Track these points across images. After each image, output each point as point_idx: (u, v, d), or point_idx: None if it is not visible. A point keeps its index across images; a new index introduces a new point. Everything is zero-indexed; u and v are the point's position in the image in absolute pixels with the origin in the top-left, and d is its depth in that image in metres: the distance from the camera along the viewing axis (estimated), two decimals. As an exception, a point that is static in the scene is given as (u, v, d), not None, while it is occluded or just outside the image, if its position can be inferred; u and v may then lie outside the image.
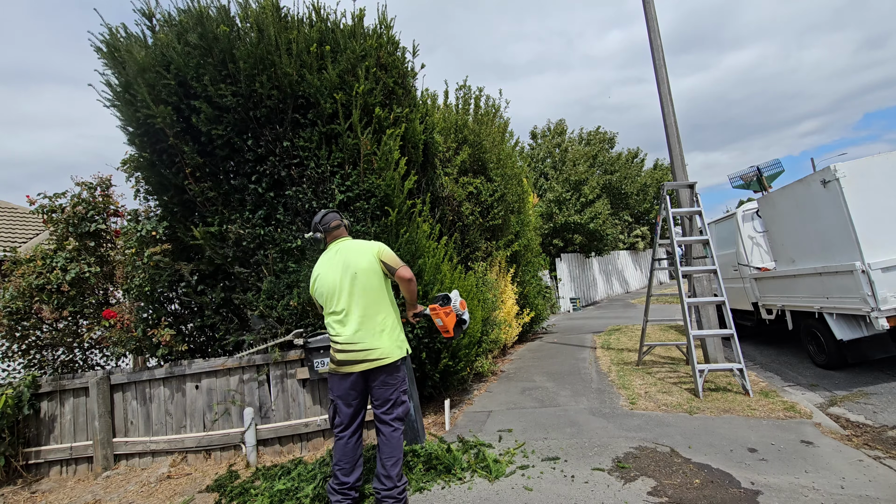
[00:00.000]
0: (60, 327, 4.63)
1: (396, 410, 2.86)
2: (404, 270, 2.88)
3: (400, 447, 2.83)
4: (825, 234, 5.18)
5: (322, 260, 3.02)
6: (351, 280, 2.83)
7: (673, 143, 6.09)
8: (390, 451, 2.80)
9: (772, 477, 2.96)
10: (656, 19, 6.27)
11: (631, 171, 20.69)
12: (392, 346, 2.84)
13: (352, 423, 2.88)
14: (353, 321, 2.81)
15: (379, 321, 2.84)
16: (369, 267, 2.84)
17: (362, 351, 2.78)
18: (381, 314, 2.86)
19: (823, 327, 5.36)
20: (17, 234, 9.17)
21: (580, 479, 3.14)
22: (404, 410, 2.91)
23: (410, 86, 5.11)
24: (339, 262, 2.89)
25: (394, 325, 2.92)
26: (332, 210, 3.14)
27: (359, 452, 2.89)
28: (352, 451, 2.86)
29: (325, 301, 2.94)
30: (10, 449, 4.22)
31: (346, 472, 2.83)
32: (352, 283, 2.83)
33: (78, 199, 4.67)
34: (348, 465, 2.84)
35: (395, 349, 2.85)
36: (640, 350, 6.27)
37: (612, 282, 21.21)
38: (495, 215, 7.53)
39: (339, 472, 2.84)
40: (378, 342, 2.80)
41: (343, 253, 2.92)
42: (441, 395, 5.17)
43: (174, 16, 4.34)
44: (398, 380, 2.88)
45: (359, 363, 2.78)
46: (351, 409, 2.87)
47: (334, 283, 2.87)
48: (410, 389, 3.98)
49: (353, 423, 2.88)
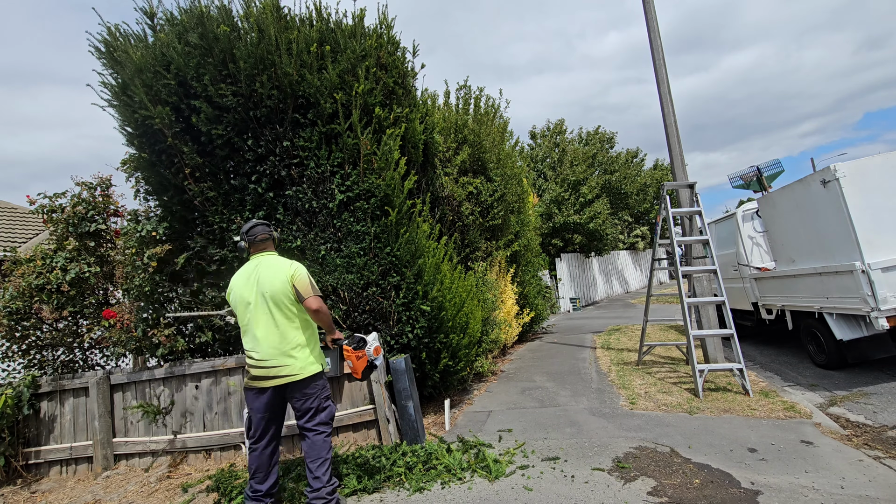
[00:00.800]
0: (60, 327, 4.63)
1: (319, 416, 2.91)
2: (312, 301, 2.86)
3: (325, 448, 2.87)
4: (825, 234, 5.18)
5: (240, 272, 3.02)
6: (263, 299, 2.86)
7: (673, 142, 6.09)
8: (315, 453, 2.85)
9: (772, 477, 2.96)
10: (656, 19, 6.27)
11: (631, 171, 20.69)
12: (304, 362, 2.87)
13: (265, 436, 2.93)
14: (265, 339, 2.84)
15: (290, 339, 2.86)
16: (281, 288, 2.86)
17: (274, 368, 2.82)
18: (293, 333, 2.88)
19: (823, 327, 5.36)
20: (17, 234, 9.16)
21: (580, 479, 3.14)
22: (328, 415, 2.96)
23: (410, 86, 5.11)
24: (255, 278, 2.92)
25: (307, 342, 2.93)
26: (262, 222, 3.10)
27: (274, 461, 2.96)
28: (266, 461, 2.92)
29: (238, 315, 2.97)
30: (10, 449, 4.22)
31: (261, 481, 2.90)
32: (264, 301, 2.86)
33: (78, 199, 4.67)
34: (262, 474, 2.90)
35: (307, 365, 2.88)
36: (640, 350, 6.27)
37: (611, 282, 21.21)
38: (495, 215, 7.53)
39: (253, 480, 2.92)
40: (289, 360, 2.84)
41: (260, 269, 2.94)
42: (441, 395, 5.17)
43: (176, 15, 4.34)
44: (316, 390, 2.92)
45: (271, 379, 2.83)
46: (265, 422, 2.92)
47: (247, 300, 2.90)
48: (410, 389, 3.99)
49: (267, 435, 2.93)
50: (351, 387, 4.15)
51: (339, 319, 4.39)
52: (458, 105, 8.08)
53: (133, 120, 4.23)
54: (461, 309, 4.87)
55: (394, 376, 4.03)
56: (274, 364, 2.82)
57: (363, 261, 4.27)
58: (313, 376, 2.89)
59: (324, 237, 4.38)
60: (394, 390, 4.05)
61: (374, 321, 4.44)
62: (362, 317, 4.41)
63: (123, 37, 4.30)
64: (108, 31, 4.29)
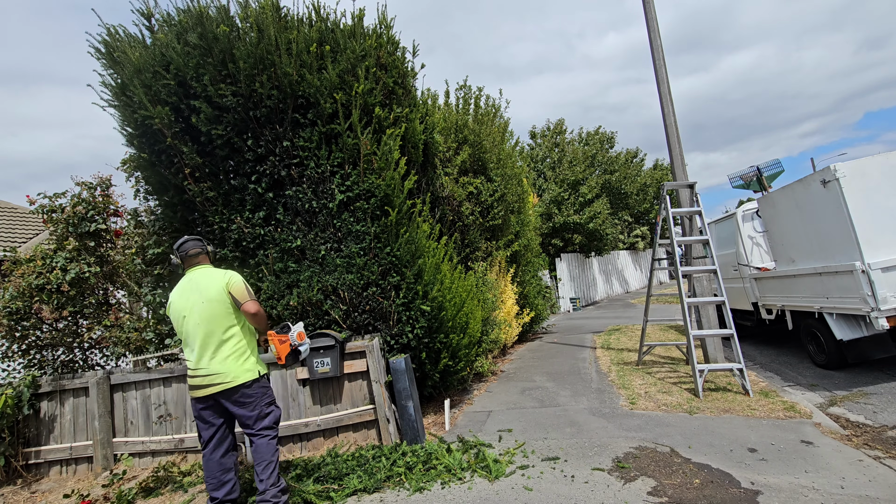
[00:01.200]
0: (60, 327, 4.63)
1: (262, 422, 2.94)
2: (249, 305, 2.95)
3: (269, 451, 2.90)
4: (825, 233, 5.17)
5: (177, 288, 3.05)
6: (198, 309, 2.90)
7: (673, 142, 6.09)
8: (259, 456, 2.89)
9: (772, 477, 2.96)
10: (656, 19, 6.27)
11: (631, 171, 20.68)
12: (239, 370, 2.90)
13: (211, 440, 2.95)
14: (198, 349, 2.89)
15: (225, 348, 2.90)
16: (216, 297, 2.91)
17: (208, 376, 2.86)
18: (228, 341, 2.91)
19: (823, 327, 5.36)
20: (17, 234, 9.16)
21: (580, 479, 3.14)
22: (272, 420, 2.99)
23: (410, 86, 5.11)
24: (191, 290, 2.96)
25: (242, 349, 2.96)
26: (193, 237, 3.13)
27: (226, 467, 2.95)
28: (216, 468, 2.93)
29: (176, 327, 3.00)
30: (10, 449, 4.22)
31: (215, 487, 2.92)
32: (199, 312, 2.89)
33: (78, 199, 4.67)
34: (215, 481, 2.92)
35: (242, 373, 2.91)
36: (640, 350, 6.27)
37: (611, 282, 21.21)
38: (495, 215, 7.53)
39: (208, 487, 2.93)
40: (223, 368, 2.87)
41: (195, 282, 2.98)
42: (441, 395, 5.17)
43: (174, 16, 4.34)
44: (255, 398, 2.94)
45: (206, 387, 2.87)
46: (210, 428, 2.95)
47: (183, 311, 2.93)
48: (410, 389, 3.99)
49: (212, 440, 2.95)
50: (351, 387, 4.15)
51: (339, 319, 4.40)
52: (458, 105, 8.08)
53: (133, 120, 4.23)
54: (461, 309, 4.87)
55: (394, 376, 4.03)
56: (208, 373, 2.86)
57: (363, 261, 4.27)
58: (248, 383, 2.91)
59: (324, 237, 4.38)
60: (394, 390, 4.05)
61: (374, 321, 4.44)
62: (362, 317, 4.41)
63: (122, 38, 4.30)
64: (108, 31, 4.29)
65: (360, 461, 3.60)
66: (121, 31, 4.32)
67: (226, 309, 2.92)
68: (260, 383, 2.99)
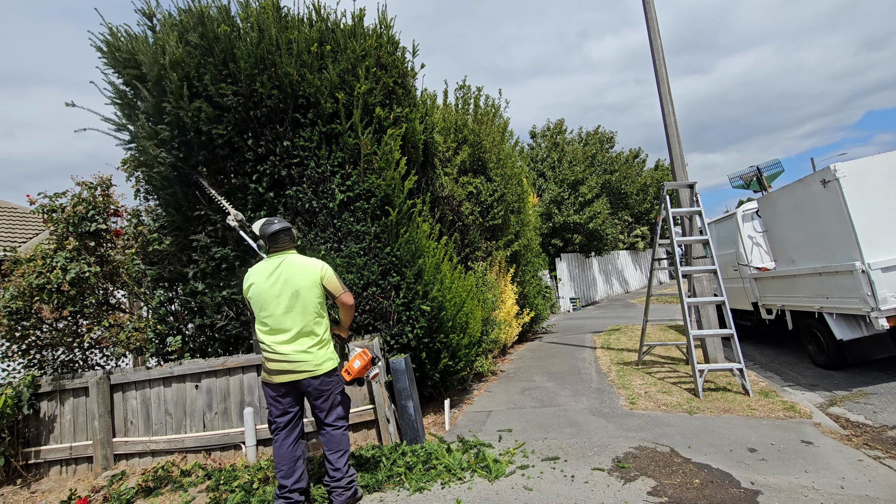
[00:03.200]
0: (60, 327, 4.63)
1: (335, 412, 3.00)
2: (346, 297, 3.04)
3: (343, 441, 2.98)
4: (825, 233, 5.17)
5: (261, 269, 3.00)
6: (290, 297, 2.89)
7: (673, 142, 6.10)
8: (334, 445, 2.96)
9: (772, 477, 2.96)
10: (656, 19, 6.27)
11: (631, 171, 20.68)
12: (323, 358, 2.94)
13: (285, 428, 2.97)
14: (288, 336, 2.89)
15: (310, 336, 2.93)
16: (310, 287, 2.93)
17: (294, 363, 2.88)
18: (315, 331, 2.95)
19: (823, 327, 5.36)
20: (17, 233, 9.16)
21: (580, 479, 3.14)
22: (344, 409, 3.06)
23: (410, 85, 5.11)
24: (280, 276, 2.93)
25: (326, 339, 3.02)
26: (283, 223, 3.04)
27: (297, 455, 2.97)
28: (289, 455, 2.94)
29: (259, 309, 2.97)
30: (10, 449, 4.22)
31: (286, 475, 2.91)
32: (291, 299, 2.89)
33: (78, 199, 4.67)
34: (286, 467, 2.92)
35: (326, 361, 2.95)
36: (640, 350, 6.27)
37: (611, 282, 21.21)
38: (495, 215, 7.53)
39: (279, 474, 2.93)
40: (309, 356, 2.90)
41: (285, 268, 2.95)
42: (441, 395, 5.17)
43: (175, 15, 4.34)
44: (331, 386, 2.98)
45: (291, 373, 2.89)
46: (285, 415, 2.97)
47: (271, 296, 2.91)
48: (410, 389, 3.99)
49: (287, 427, 2.97)
50: (351, 387, 4.15)
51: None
52: (458, 105, 8.08)
53: (134, 118, 4.23)
54: (461, 309, 4.87)
55: (394, 376, 4.03)
56: (292, 359, 2.87)
57: (363, 261, 4.27)
58: (329, 372, 2.95)
59: (324, 237, 4.38)
60: (394, 390, 4.05)
61: (374, 321, 4.44)
62: (362, 317, 4.41)
63: (125, 37, 4.30)
64: (110, 31, 4.29)
65: (360, 461, 3.60)
66: (122, 31, 4.32)
67: (317, 299, 2.95)
68: (337, 373, 3.04)
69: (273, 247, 3.03)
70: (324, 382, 2.93)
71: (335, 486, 2.93)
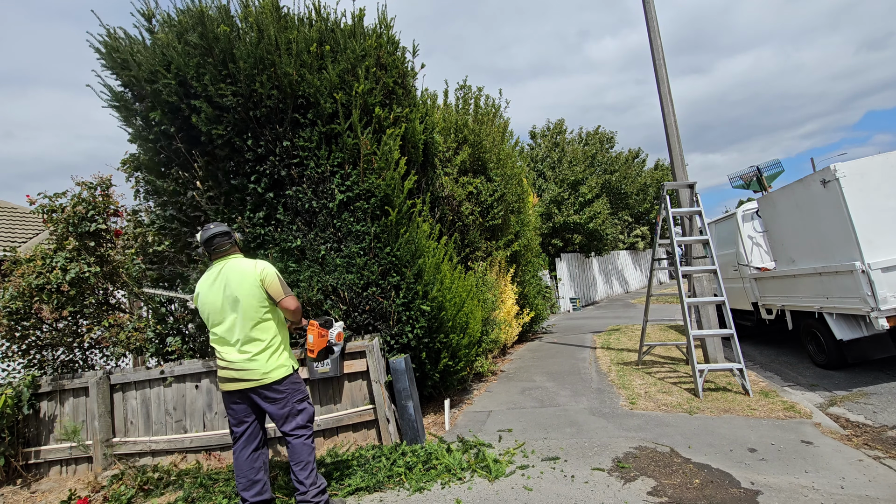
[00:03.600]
0: (60, 327, 4.63)
1: (294, 420, 2.88)
2: (288, 301, 2.90)
3: (304, 452, 2.84)
4: (825, 233, 5.17)
5: (205, 278, 2.96)
6: (231, 304, 2.82)
7: (673, 142, 6.09)
8: (296, 456, 2.83)
9: (772, 477, 2.96)
10: (656, 19, 6.27)
11: (631, 171, 20.68)
12: (273, 366, 2.83)
13: (242, 436, 2.90)
14: (233, 344, 2.83)
15: (259, 344, 2.84)
16: (248, 292, 2.83)
17: (242, 370, 2.80)
18: (262, 336, 2.85)
19: (823, 327, 5.36)
20: (17, 234, 9.16)
21: (580, 479, 3.14)
22: (305, 418, 2.92)
23: (410, 85, 5.10)
24: (221, 283, 2.86)
25: (276, 345, 2.90)
26: (220, 229, 2.95)
27: (256, 466, 2.88)
28: (247, 465, 2.86)
29: (206, 320, 2.94)
30: (10, 449, 4.22)
31: (245, 487, 2.85)
32: (232, 306, 2.82)
33: (78, 199, 4.67)
34: (245, 480, 2.85)
35: (276, 369, 2.84)
36: (640, 350, 6.27)
37: (611, 282, 21.21)
38: (495, 215, 7.53)
39: (238, 486, 2.87)
40: (255, 364, 2.80)
41: (225, 274, 2.88)
42: (441, 395, 5.17)
43: (174, 16, 4.34)
44: (287, 394, 2.87)
45: (239, 381, 2.81)
46: (241, 425, 2.90)
47: (215, 305, 2.86)
48: (410, 389, 3.98)
49: (243, 437, 2.90)
50: (351, 387, 4.15)
51: (339, 319, 4.39)
52: (458, 105, 8.08)
53: (132, 121, 4.24)
54: (461, 309, 4.87)
55: (394, 376, 4.03)
56: (240, 367, 2.79)
57: (363, 261, 4.27)
58: (281, 380, 2.85)
59: (324, 237, 4.38)
60: (394, 390, 4.05)
61: (374, 321, 4.44)
62: (362, 317, 4.41)
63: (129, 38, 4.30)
64: (108, 33, 4.29)
65: (360, 461, 3.60)
66: (121, 32, 4.33)
67: (258, 303, 2.84)
68: (291, 379, 2.91)
69: (212, 254, 2.95)
70: (274, 391, 2.82)
71: (301, 500, 2.80)
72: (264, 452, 2.97)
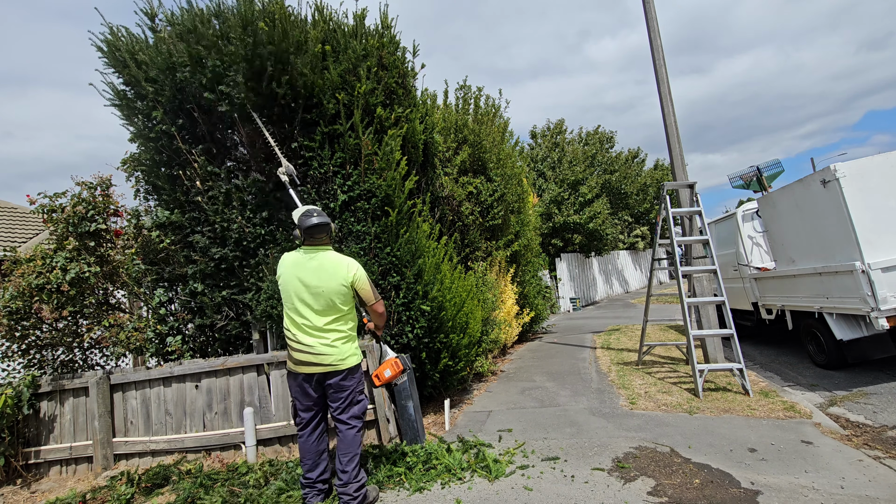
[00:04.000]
0: (60, 327, 4.63)
1: (352, 409, 2.96)
2: (378, 306, 3.06)
3: (356, 444, 2.93)
4: (825, 234, 5.18)
5: (293, 259, 2.97)
6: (317, 295, 2.87)
7: (673, 142, 6.09)
8: (346, 447, 2.92)
9: (772, 477, 2.96)
10: (656, 19, 6.27)
11: (631, 171, 20.68)
12: (345, 354, 2.93)
13: (311, 422, 3.00)
14: (314, 330, 2.89)
15: (337, 333, 2.92)
16: (338, 287, 2.89)
17: (318, 355, 2.87)
18: (340, 326, 2.94)
19: (823, 327, 5.36)
20: (17, 233, 9.16)
21: (580, 479, 3.14)
22: (360, 409, 3.02)
23: (411, 86, 5.11)
24: (312, 271, 2.90)
25: (351, 335, 3.01)
26: (322, 217, 2.96)
27: (321, 448, 3.02)
28: (313, 448, 2.99)
29: (286, 300, 2.97)
30: (10, 449, 4.22)
31: (310, 468, 2.99)
32: (317, 297, 2.87)
33: (78, 199, 4.67)
34: (310, 461, 2.98)
35: (348, 357, 2.94)
36: (640, 350, 6.27)
37: (611, 281, 21.21)
38: (495, 215, 7.53)
39: (304, 467, 3.02)
40: (333, 350, 2.89)
41: (317, 264, 2.91)
42: (441, 395, 5.17)
43: (178, 16, 4.34)
44: (353, 382, 2.97)
45: (314, 365, 2.88)
46: (309, 409, 3.00)
47: (300, 290, 2.89)
48: (410, 389, 3.98)
49: (312, 422, 3.00)
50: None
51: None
52: (458, 105, 8.08)
53: (133, 120, 4.24)
54: (461, 309, 4.87)
55: (394, 376, 4.03)
56: (316, 351, 2.87)
57: (363, 261, 4.27)
58: (351, 368, 2.95)
59: (324, 237, 4.37)
60: (394, 390, 4.05)
61: (375, 321, 4.44)
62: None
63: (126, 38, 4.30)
64: (111, 31, 4.29)
65: (359, 461, 3.60)
66: (123, 31, 4.33)
67: (344, 298, 2.93)
68: (359, 371, 3.02)
69: (308, 240, 2.96)
70: (346, 378, 2.92)
71: (342, 491, 2.89)
72: (327, 437, 3.09)
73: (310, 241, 2.97)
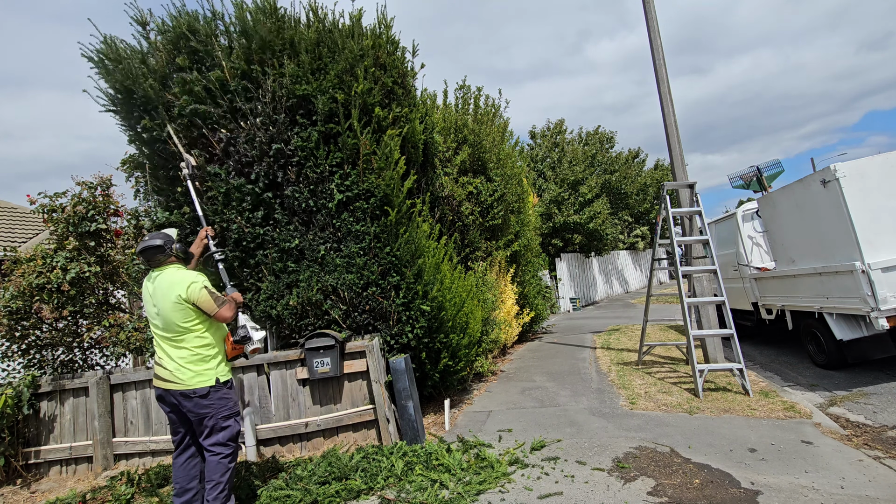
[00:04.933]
0: (60, 327, 4.63)
1: (215, 436, 2.82)
2: (223, 313, 2.88)
3: (218, 471, 2.77)
4: (825, 233, 5.17)
5: (145, 281, 3.00)
6: (158, 316, 2.88)
7: (673, 142, 6.09)
8: (209, 474, 2.80)
9: (772, 477, 2.96)
10: (656, 19, 6.27)
11: (631, 171, 20.66)
12: (194, 375, 2.80)
13: (179, 444, 2.93)
14: (160, 350, 2.89)
15: (185, 352, 2.84)
16: (173, 309, 2.81)
17: (166, 370, 2.84)
18: (187, 345, 2.84)
19: (823, 327, 5.36)
20: (17, 233, 9.16)
21: (580, 479, 3.14)
22: (227, 436, 2.85)
23: (410, 85, 5.10)
24: (151, 294, 2.91)
25: (201, 355, 2.86)
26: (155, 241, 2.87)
27: (191, 473, 2.89)
28: (181, 472, 2.88)
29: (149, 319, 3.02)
30: (10, 449, 4.22)
31: (178, 493, 2.86)
32: (160, 318, 2.87)
33: (78, 199, 4.67)
34: (178, 486, 2.87)
35: (194, 376, 2.80)
36: (640, 350, 6.27)
37: (611, 282, 21.20)
38: (495, 215, 7.53)
39: (173, 493, 2.90)
40: (178, 371, 2.80)
41: (155, 286, 2.89)
42: (441, 395, 5.17)
43: (167, 21, 4.37)
44: (211, 408, 2.81)
45: (164, 381, 2.83)
46: (176, 431, 2.94)
47: (149, 309, 2.94)
48: (410, 389, 3.98)
49: (181, 443, 2.93)
50: (351, 387, 4.15)
51: (339, 319, 4.39)
52: (458, 105, 8.08)
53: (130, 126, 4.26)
54: (461, 309, 4.87)
55: (394, 376, 4.03)
56: (165, 366, 2.84)
57: (363, 261, 4.27)
58: (203, 389, 2.79)
59: (323, 237, 4.37)
60: (394, 390, 4.05)
61: (374, 321, 4.44)
62: (362, 316, 4.41)
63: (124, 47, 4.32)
64: (104, 41, 4.31)
65: (360, 461, 3.60)
66: (115, 41, 4.36)
67: (183, 315, 2.82)
68: (218, 393, 2.85)
69: (148, 263, 2.95)
70: (197, 403, 2.78)
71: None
72: (199, 461, 2.92)
73: (150, 264, 2.96)
